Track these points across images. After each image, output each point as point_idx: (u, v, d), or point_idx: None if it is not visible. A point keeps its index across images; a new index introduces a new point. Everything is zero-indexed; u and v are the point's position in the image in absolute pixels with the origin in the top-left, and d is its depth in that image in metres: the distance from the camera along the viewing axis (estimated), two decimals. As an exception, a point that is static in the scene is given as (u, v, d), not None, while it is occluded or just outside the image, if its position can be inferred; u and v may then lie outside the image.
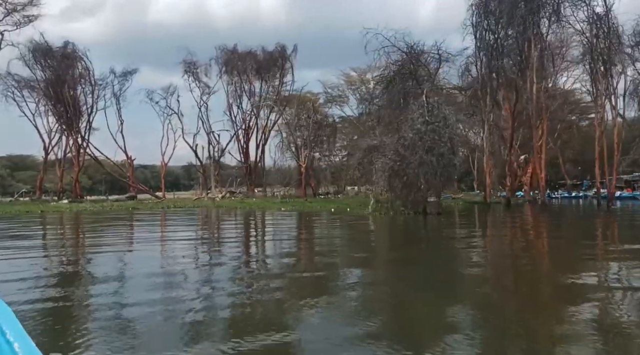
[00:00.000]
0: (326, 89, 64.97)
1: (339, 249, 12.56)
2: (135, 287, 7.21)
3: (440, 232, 16.85)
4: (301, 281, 7.84)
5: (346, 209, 27.51)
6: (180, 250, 12.20)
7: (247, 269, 9.25)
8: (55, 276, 8.55)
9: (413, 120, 21.31)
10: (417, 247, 13.36)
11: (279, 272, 8.87)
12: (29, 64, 50.52)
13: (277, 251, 12.58)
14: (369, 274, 8.62)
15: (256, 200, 40.86)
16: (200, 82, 53.58)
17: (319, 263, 9.97)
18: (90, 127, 53.59)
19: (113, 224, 21.56)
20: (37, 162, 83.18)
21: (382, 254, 11.83)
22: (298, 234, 17.16)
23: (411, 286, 7.36)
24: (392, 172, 21.03)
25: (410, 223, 19.51)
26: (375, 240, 15.55)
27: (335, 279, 8.08)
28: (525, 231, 17.12)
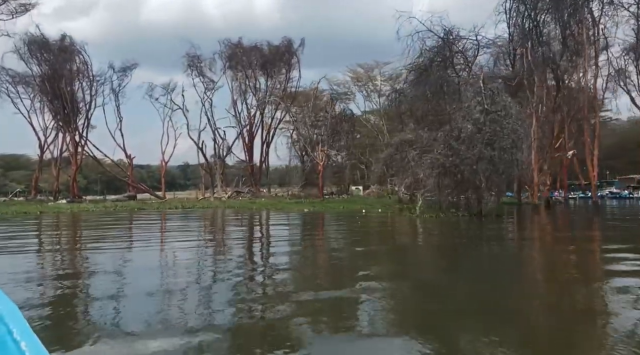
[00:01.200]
0: (332, 86, 63.36)
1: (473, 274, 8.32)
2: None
3: (522, 241, 13.73)
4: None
5: (377, 210, 25.44)
6: (255, 272, 8.72)
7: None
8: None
9: (470, 109, 18.84)
10: (530, 266, 9.51)
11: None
12: (25, 58, 48.27)
13: (398, 274, 8.50)
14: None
15: (265, 200, 38.91)
16: (204, 77, 51.54)
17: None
18: (88, 124, 51.43)
19: (138, 230, 18.15)
20: (31, 162, 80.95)
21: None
22: (381, 244, 13.48)
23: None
24: (442, 170, 18.84)
25: (475, 228, 16.55)
26: (482, 257, 10.55)
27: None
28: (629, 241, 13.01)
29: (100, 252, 11.20)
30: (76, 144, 50.31)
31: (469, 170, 17.90)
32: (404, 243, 13.88)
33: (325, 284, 7.34)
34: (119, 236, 15.99)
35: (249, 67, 52.26)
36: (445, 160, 18.56)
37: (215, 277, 7.81)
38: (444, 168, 18.55)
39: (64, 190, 60.61)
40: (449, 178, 18.76)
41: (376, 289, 6.62)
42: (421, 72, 25.23)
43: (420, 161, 20.94)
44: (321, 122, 40.31)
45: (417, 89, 25.25)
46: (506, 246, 12.73)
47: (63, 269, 8.84)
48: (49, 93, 48.72)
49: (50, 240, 15.40)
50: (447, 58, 24.47)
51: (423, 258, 10.87)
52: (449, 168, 18.44)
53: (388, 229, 17.40)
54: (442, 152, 18.70)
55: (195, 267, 8.80)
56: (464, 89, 20.57)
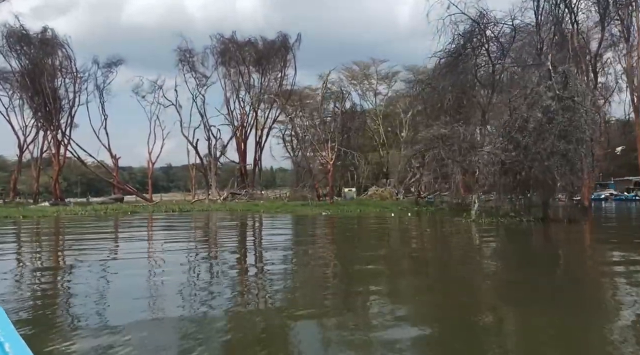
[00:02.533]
0: (326, 84, 61.43)
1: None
2: None
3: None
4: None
5: (407, 214, 23.35)
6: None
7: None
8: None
9: (538, 96, 16.23)
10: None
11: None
12: (3, 51, 45.11)
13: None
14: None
15: (266, 202, 36.78)
16: (196, 72, 49.03)
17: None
18: (71, 122, 48.42)
19: (156, 242, 14.82)
20: (8, 163, 77.11)
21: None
22: (450, 260, 11.01)
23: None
24: (501, 167, 16.73)
25: (575, 239, 13.81)
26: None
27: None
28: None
29: (128, 277, 8.13)
30: (58, 143, 47.29)
31: (538, 167, 15.79)
32: (524, 266, 9.83)
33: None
34: (136, 251, 12.21)
35: (242, 63, 49.99)
36: (506, 156, 16.44)
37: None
38: (503, 164, 16.53)
39: (44, 192, 57.41)
40: (509, 176, 16.70)
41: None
42: (454, 59, 23.30)
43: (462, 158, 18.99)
44: (331, 118, 38.01)
45: (447, 78, 23.30)
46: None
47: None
48: (30, 89, 45.67)
49: (47, 257, 12.08)
50: (482, 44, 22.66)
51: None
52: (509, 165, 16.42)
53: (466, 242, 14.12)
54: (499, 145, 16.66)
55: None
56: (529, 72, 17.83)
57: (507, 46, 21.79)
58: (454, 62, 23.20)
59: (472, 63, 22.42)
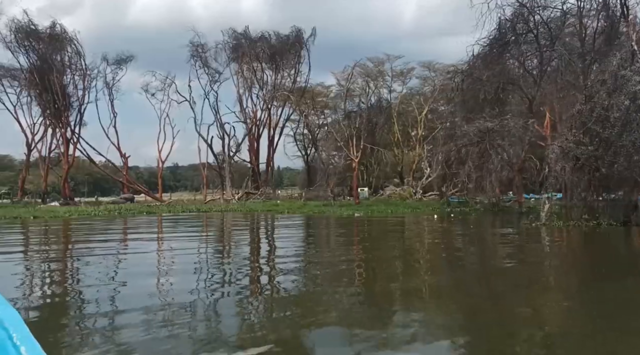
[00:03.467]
0: (339, 81, 59.99)
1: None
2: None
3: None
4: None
5: (448, 216, 21.36)
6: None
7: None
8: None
9: (625, 79, 14.17)
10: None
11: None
12: (11, 47, 43.98)
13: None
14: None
15: (284, 202, 35.39)
16: (208, 68, 47.68)
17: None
18: (81, 120, 47.23)
19: (206, 250, 12.40)
20: (15, 163, 76.25)
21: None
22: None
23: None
24: (574, 163, 14.91)
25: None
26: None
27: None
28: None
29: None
30: (67, 141, 46.09)
31: (622, 163, 13.73)
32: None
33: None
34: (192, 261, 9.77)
35: (255, 59, 48.60)
36: (581, 151, 14.45)
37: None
38: (577, 161, 14.78)
39: (51, 191, 56.34)
40: (583, 173, 14.89)
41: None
42: (498, 47, 21.56)
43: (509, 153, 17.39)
44: (355, 113, 36.32)
45: (491, 68, 21.53)
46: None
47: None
48: (38, 86, 44.52)
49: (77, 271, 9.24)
50: (530, 29, 21.01)
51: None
52: (584, 161, 14.65)
53: (556, 251, 11.67)
54: (572, 139, 14.94)
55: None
56: (611, 54, 15.71)
57: (556, 32, 20.20)
58: (499, 50, 21.59)
59: (519, 50, 20.75)
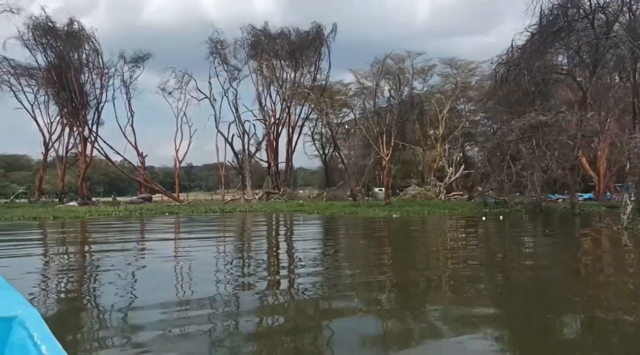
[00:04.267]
0: (358, 79, 58.73)
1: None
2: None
3: None
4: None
5: (499, 217, 19.98)
6: None
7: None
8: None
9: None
10: None
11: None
12: (29, 45, 43.43)
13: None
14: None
15: (306, 202, 34.22)
16: (227, 65, 46.68)
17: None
18: (98, 118, 46.53)
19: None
20: (32, 162, 76.38)
21: None
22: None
23: None
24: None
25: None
26: None
27: None
28: None
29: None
30: (85, 140, 45.44)
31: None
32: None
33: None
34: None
35: (274, 56, 47.50)
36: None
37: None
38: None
39: (68, 191, 55.93)
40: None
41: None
42: (549, 35, 19.83)
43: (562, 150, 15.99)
44: (385, 109, 34.78)
45: (539, 57, 19.91)
46: None
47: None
48: (56, 84, 43.92)
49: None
50: (586, 14, 19.43)
51: None
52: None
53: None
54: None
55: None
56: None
57: (613, 18, 18.65)
58: (550, 38, 19.97)
59: (574, 38, 19.15)
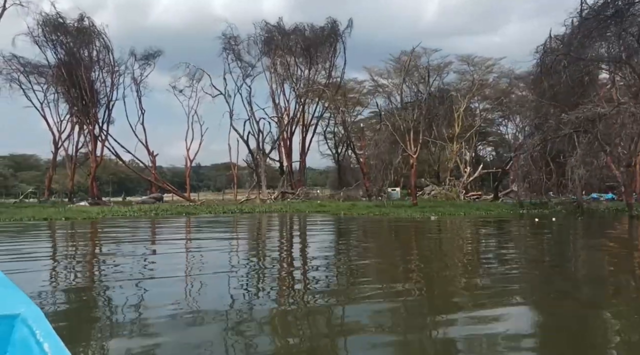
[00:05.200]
0: (373, 76, 57.39)
1: None
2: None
3: None
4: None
5: (552, 219, 18.55)
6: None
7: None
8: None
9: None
10: None
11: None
12: (38, 41, 42.48)
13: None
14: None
15: (326, 202, 32.97)
16: (241, 61, 45.50)
17: None
18: (109, 116, 45.51)
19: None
20: (41, 162, 75.78)
21: None
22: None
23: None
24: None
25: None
26: None
27: None
28: None
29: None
30: (95, 139, 44.45)
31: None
32: None
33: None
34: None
35: (289, 52, 46.28)
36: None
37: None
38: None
39: (77, 191, 55.08)
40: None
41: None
42: (604, 19, 18.12)
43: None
44: (412, 104, 33.27)
45: (588, 44, 18.20)
46: None
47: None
48: (66, 81, 42.94)
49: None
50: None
51: None
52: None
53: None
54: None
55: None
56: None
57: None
58: (603, 23, 18.39)
59: (628, 23, 17.55)
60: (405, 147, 29.07)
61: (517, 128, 66.09)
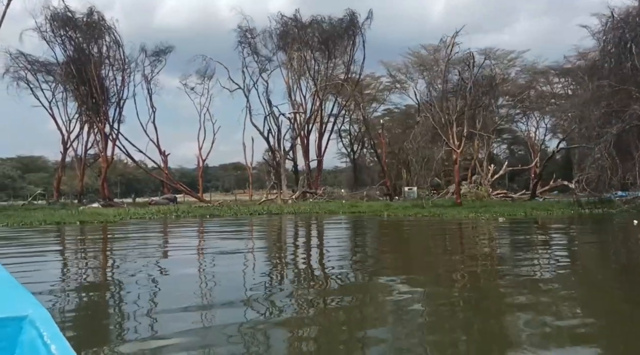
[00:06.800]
0: (390, 71, 55.27)
1: None
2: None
3: None
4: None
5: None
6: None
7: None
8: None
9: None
10: None
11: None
12: (47, 37, 40.79)
13: None
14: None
15: (357, 202, 30.99)
16: (258, 55, 43.54)
17: None
18: (120, 115, 43.72)
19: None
20: (48, 164, 74.33)
21: None
22: None
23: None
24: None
25: None
26: None
27: None
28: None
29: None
30: (106, 138, 42.66)
31: None
32: None
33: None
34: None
35: (306, 46, 44.31)
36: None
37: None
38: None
39: (86, 192, 53.38)
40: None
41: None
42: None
43: None
44: (456, 94, 30.90)
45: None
46: None
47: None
48: (75, 78, 41.23)
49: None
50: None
51: None
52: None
53: None
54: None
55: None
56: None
57: None
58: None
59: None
60: (448, 141, 26.98)
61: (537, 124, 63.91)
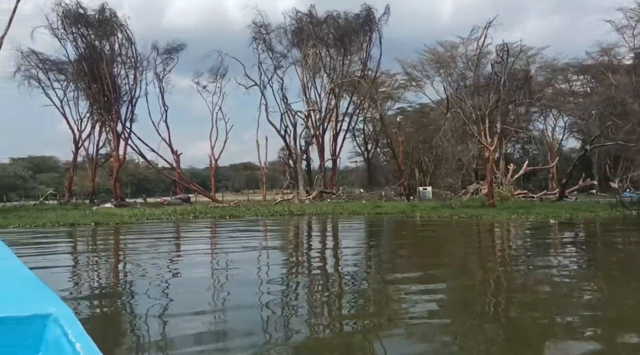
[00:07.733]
0: (406, 69, 54.00)
1: None
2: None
3: None
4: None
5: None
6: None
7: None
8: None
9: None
10: None
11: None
12: (58, 34, 40.09)
13: None
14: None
15: (381, 203, 29.84)
16: (273, 52, 42.54)
17: None
18: (132, 113, 42.92)
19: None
20: (59, 164, 73.99)
21: None
22: None
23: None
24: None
25: None
26: None
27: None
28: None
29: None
30: (118, 137, 41.90)
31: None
32: None
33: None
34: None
35: (321, 42, 43.26)
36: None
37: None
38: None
39: (98, 192, 52.75)
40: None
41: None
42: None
43: None
44: (487, 89, 29.44)
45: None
46: None
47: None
48: (87, 76, 40.50)
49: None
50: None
51: None
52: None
53: None
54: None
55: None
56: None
57: None
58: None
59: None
60: (480, 138, 25.75)
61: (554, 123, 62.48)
